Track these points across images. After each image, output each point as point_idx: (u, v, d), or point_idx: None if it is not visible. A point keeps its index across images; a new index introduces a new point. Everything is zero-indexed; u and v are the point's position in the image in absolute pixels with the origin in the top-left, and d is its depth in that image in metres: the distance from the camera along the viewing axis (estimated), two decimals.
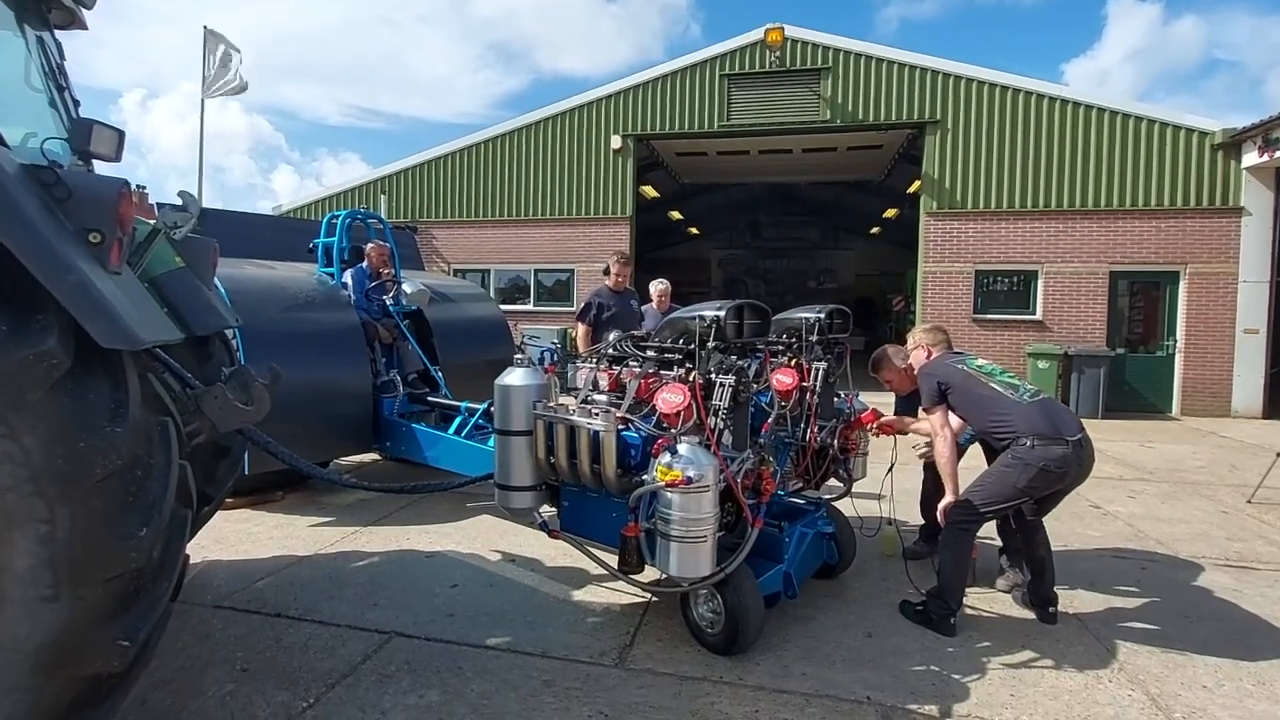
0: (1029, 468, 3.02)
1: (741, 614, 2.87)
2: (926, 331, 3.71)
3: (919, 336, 3.70)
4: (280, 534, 4.63)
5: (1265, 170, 10.18)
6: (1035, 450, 3.02)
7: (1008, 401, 3.17)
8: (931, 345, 3.60)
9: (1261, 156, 9.84)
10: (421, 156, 13.99)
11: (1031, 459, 3.02)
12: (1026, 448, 3.04)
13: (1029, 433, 3.05)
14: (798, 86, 11.82)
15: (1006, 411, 3.14)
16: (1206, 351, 10.73)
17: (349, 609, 3.46)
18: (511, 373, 3.22)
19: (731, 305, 2.91)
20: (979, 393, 3.24)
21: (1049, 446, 3.03)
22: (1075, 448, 3.06)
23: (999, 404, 3.18)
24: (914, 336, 3.75)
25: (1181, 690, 2.83)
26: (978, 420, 3.27)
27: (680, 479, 2.52)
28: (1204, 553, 4.54)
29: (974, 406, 3.25)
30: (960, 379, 3.30)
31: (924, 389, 3.39)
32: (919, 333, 3.73)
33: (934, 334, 3.65)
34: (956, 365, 3.37)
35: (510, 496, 3.20)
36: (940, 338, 3.63)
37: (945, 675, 2.91)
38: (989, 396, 3.21)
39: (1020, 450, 3.05)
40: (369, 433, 5.30)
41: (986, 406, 3.20)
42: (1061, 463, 3.03)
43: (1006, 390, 3.21)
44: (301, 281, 5.45)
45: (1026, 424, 3.08)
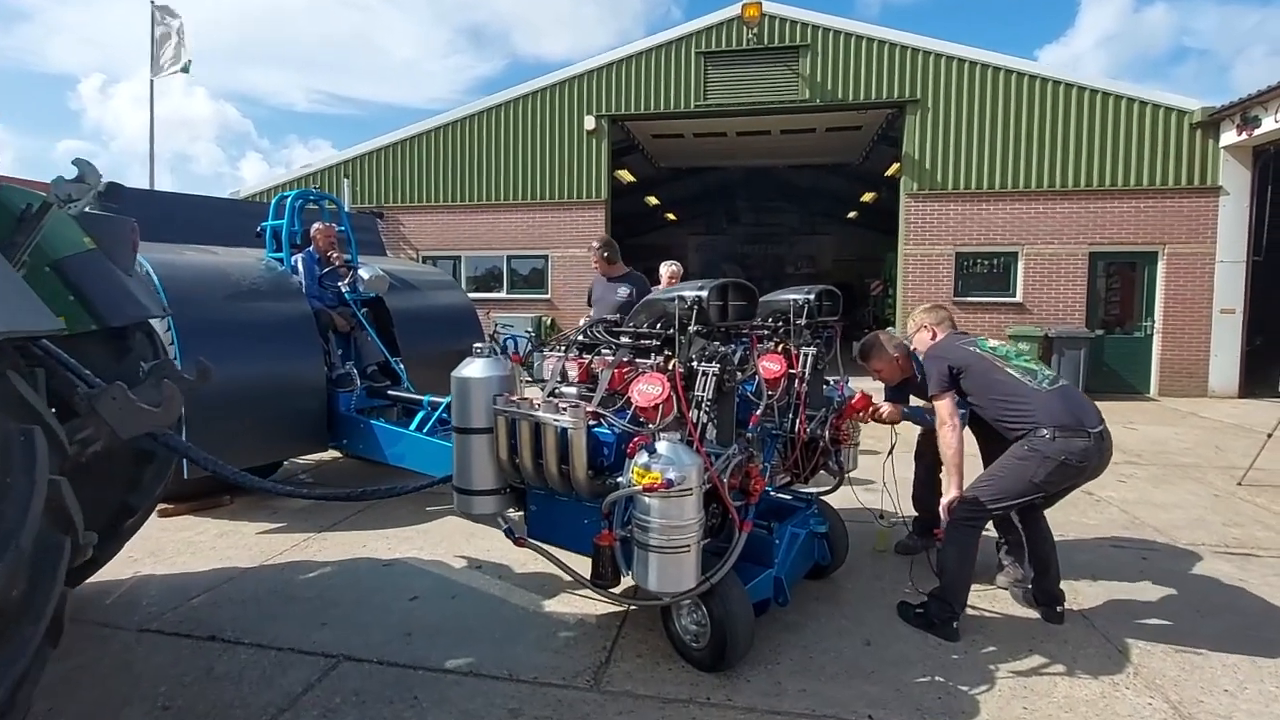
0: (1048, 461, 2.76)
1: (729, 626, 2.59)
2: (928, 311, 3.40)
3: (920, 317, 3.40)
4: (223, 543, 4.24)
5: (1243, 149, 10.13)
6: (1056, 442, 2.76)
7: (1026, 388, 2.90)
8: (935, 325, 3.30)
9: (1240, 135, 9.78)
10: (387, 138, 13.42)
11: (1051, 451, 2.76)
12: (1046, 439, 2.77)
13: (1049, 423, 2.78)
14: (776, 65, 11.49)
15: (1024, 399, 2.87)
16: (1184, 332, 10.71)
17: (293, 629, 3.11)
18: (470, 363, 2.88)
19: (714, 285, 2.59)
20: (994, 378, 2.96)
21: (1070, 439, 2.77)
22: (1097, 440, 2.81)
23: (1016, 390, 2.90)
24: (914, 317, 3.45)
25: (1203, 696, 2.62)
26: (990, 408, 2.99)
27: (659, 482, 2.21)
28: (1203, 540, 4.37)
29: (988, 393, 2.96)
30: (974, 362, 3.02)
31: (932, 373, 3.09)
32: (920, 313, 3.43)
33: (936, 313, 3.35)
34: (968, 347, 3.08)
35: (471, 501, 2.87)
36: (943, 316, 3.33)
37: (952, 687, 2.66)
38: (1004, 382, 2.93)
39: (1038, 442, 2.79)
40: (323, 430, 4.91)
41: (1002, 393, 2.93)
42: (1083, 456, 2.78)
43: (1024, 376, 2.93)
44: (247, 267, 5.02)
45: (1046, 413, 2.81)
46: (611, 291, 5.87)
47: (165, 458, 3.13)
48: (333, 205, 6.13)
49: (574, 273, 12.49)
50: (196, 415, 4.09)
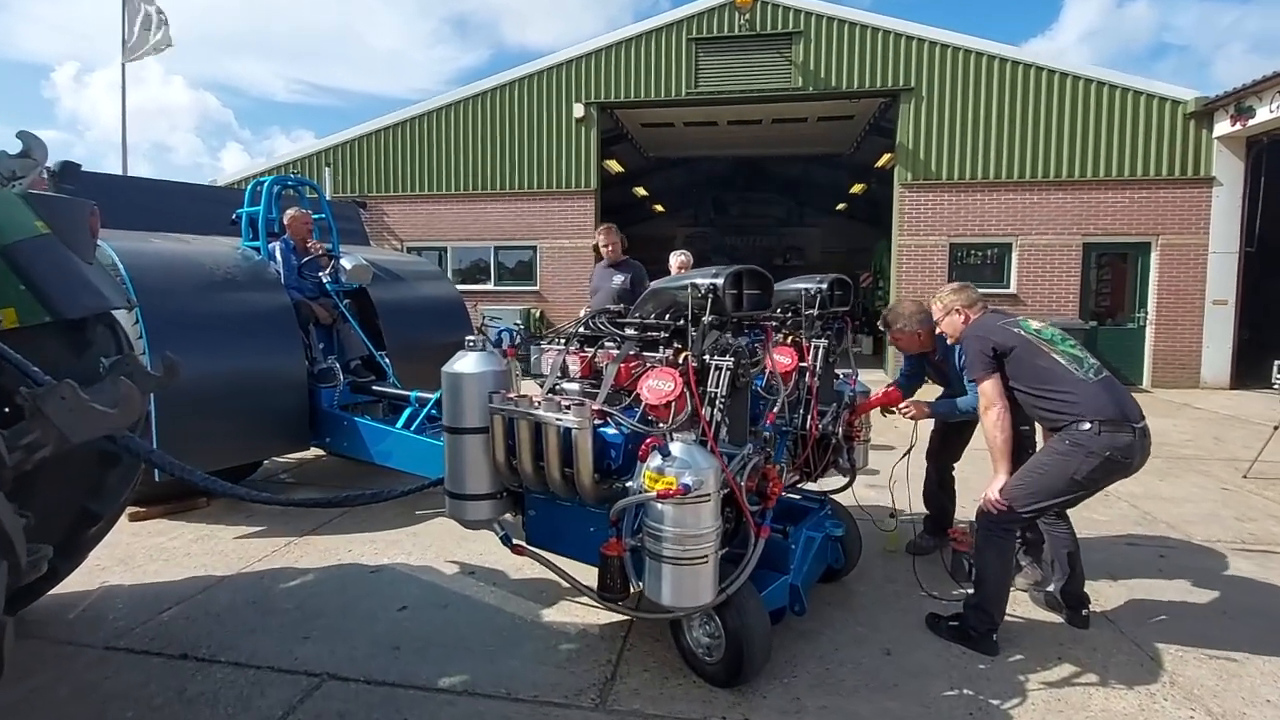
0: (1092, 456, 2.58)
1: (746, 639, 2.41)
2: (956, 292, 3.08)
3: (948, 299, 3.08)
4: (199, 549, 3.99)
5: (1236, 140, 10.09)
6: (1102, 437, 2.57)
7: (1072, 376, 2.69)
8: (968, 307, 3.01)
9: (1234, 125, 9.73)
10: (370, 126, 13.05)
11: (1096, 447, 2.58)
12: (1090, 433, 2.59)
13: (1094, 416, 2.60)
14: (769, 52, 11.28)
15: (1069, 388, 2.66)
16: (1176, 323, 10.70)
17: (273, 644, 2.89)
18: (462, 358, 2.66)
19: (730, 272, 2.39)
20: (1038, 363, 2.73)
21: (1116, 433, 2.59)
22: (1141, 436, 2.64)
23: (1062, 379, 2.69)
24: (941, 300, 3.11)
25: (1245, 708, 2.48)
26: (1030, 395, 2.77)
27: (675, 488, 2.02)
28: (1218, 536, 4.27)
29: (1030, 379, 2.74)
30: (1020, 344, 2.77)
31: (973, 352, 2.83)
32: (948, 295, 3.09)
33: (968, 293, 3.04)
34: (1012, 329, 2.84)
35: (464, 507, 2.66)
36: (975, 296, 3.04)
37: (982, 701, 2.50)
38: (1049, 369, 2.71)
39: (1082, 436, 2.60)
40: (304, 428, 4.66)
41: (1046, 380, 2.70)
42: (1128, 452, 2.61)
43: (1070, 363, 2.72)
44: (221, 256, 4.75)
45: (1092, 405, 2.62)
46: (608, 279, 5.70)
47: (133, 460, 2.89)
48: (312, 192, 5.86)
49: (563, 264, 12.25)
50: (167, 414, 3.83)
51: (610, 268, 5.87)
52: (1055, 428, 2.72)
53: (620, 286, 5.62)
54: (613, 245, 5.85)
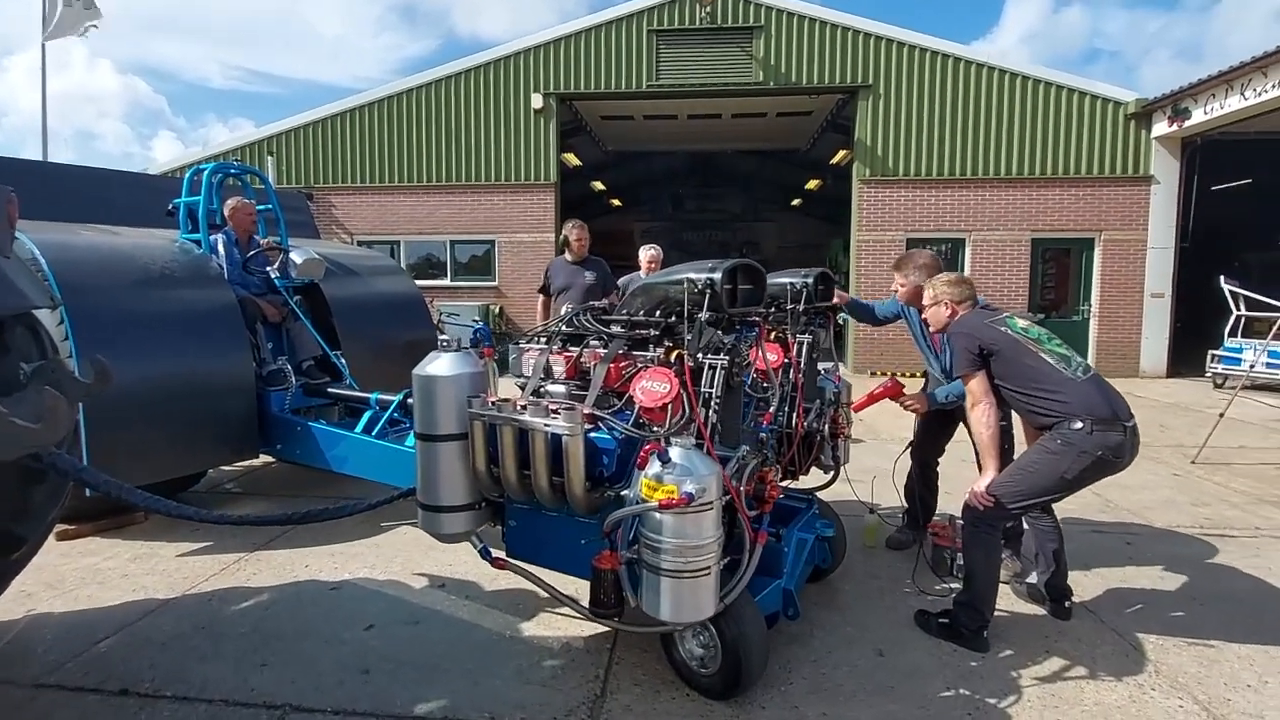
0: (1084, 456, 2.57)
1: (743, 649, 2.30)
2: (950, 285, 3.01)
3: (940, 290, 3.01)
4: (138, 569, 3.67)
5: (1173, 140, 10.55)
6: (1094, 436, 2.57)
7: (1061, 375, 2.69)
8: (957, 302, 2.97)
9: (1171, 126, 10.17)
10: (316, 113, 12.45)
11: (1088, 446, 2.57)
12: (1081, 432, 2.58)
13: (1085, 415, 2.59)
14: (730, 45, 11.23)
15: (1059, 387, 2.66)
16: (1118, 315, 11.16)
17: (227, 674, 2.64)
18: (436, 359, 2.47)
19: (726, 266, 2.27)
20: (1026, 362, 2.72)
21: (1107, 432, 2.58)
22: (1131, 434, 2.65)
23: (1050, 378, 2.68)
24: (934, 288, 3.04)
25: (1229, 694, 2.51)
26: (1019, 394, 2.76)
27: (678, 497, 1.89)
28: (1177, 521, 4.40)
29: (1019, 378, 2.73)
30: (1006, 343, 2.76)
31: (959, 350, 2.81)
32: (941, 285, 3.02)
33: (961, 288, 3.00)
34: (999, 327, 2.83)
35: (439, 519, 2.47)
36: (968, 293, 3.01)
37: (978, 700, 2.46)
38: (1037, 368, 2.70)
39: (1073, 435, 2.59)
40: (253, 434, 4.34)
41: (1034, 379, 2.70)
42: (1119, 451, 2.61)
43: (1058, 362, 2.72)
44: (157, 250, 4.38)
45: (1084, 404, 2.61)
46: (578, 276, 5.54)
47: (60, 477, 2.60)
48: (258, 182, 5.50)
49: (523, 259, 11.97)
50: (98, 424, 3.50)
51: (578, 264, 5.71)
52: (1045, 427, 2.70)
53: (591, 283, 5.49)
54: (584, 241, 5.70)
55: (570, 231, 5.76)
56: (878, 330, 11.28)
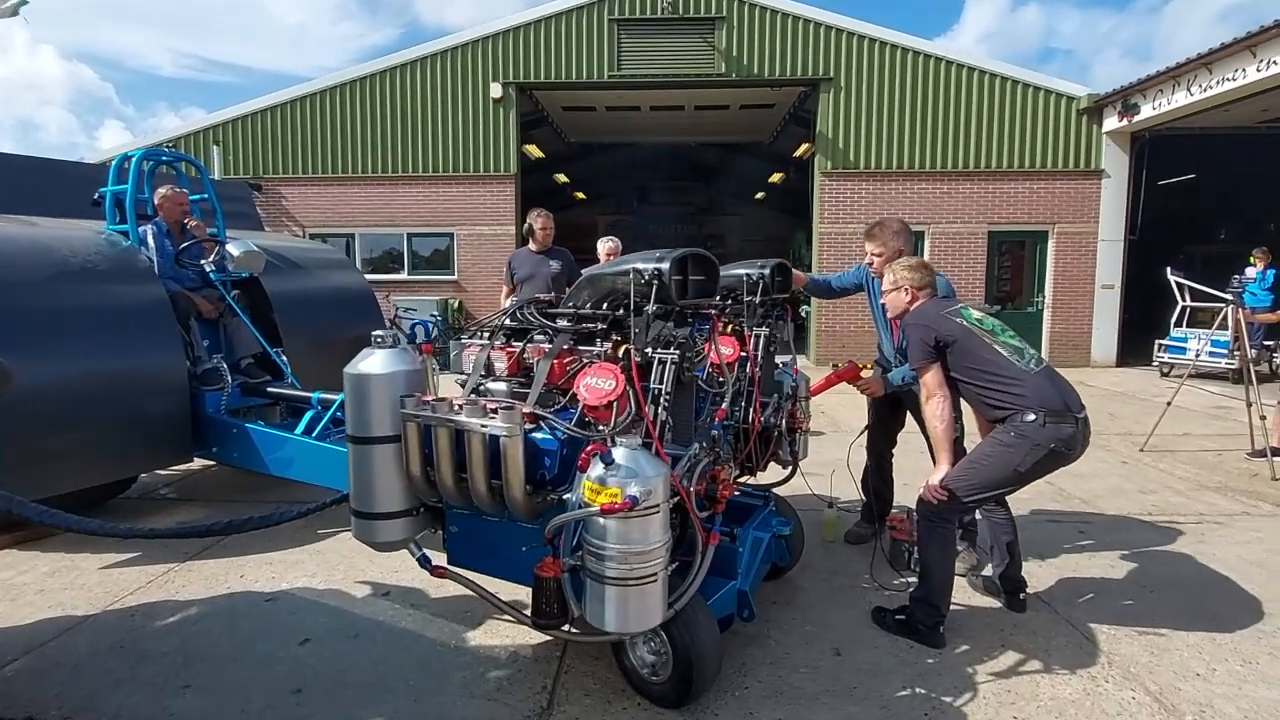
0: (1037, 449, 2.54)
1: (695, 656, 2.21)
2: (911, 270, 2.94)
3: (900, 275, 2.94)
4: (55, 584, 3.41)
5: (1122, 134, 10.81)
6: (1047, 429, 2.53)
7: (1015, 368, 2.64)
8: (918, 288, 2.90)
9: (1121, 121, 10.41)
10: (266, 101, 11.96)
11: (1041, 438, 2.53)
12: (1035, 424, 2.54)
13: (1038, 407, 2.55)
14: (691, 36, 11.12)
15: (1014, 379, 2.61)
16: (1070, 307, 11.42)
17: (144, 699, 2.45)
18: (368, 356, 2.31)
19: (674, 256, 2.16)
20: (981, 354, 2.67)
21: (1060, 424, 2.55)
22: (1082, 426, 2.62)
23: (1004, 370, 2.63)
24: (894, 273, 2.98)
25: (1179, 683, 2.52)
26: (973, 386, 2.71)
27: (621, 501, 1.77)
28: (1126, 509, 4.47)
29: (973, 370, 2.68)
30: (962, 335, 2.70)
31: (915, 341, 2.74)
32: (901, 270, 2.96)
33: (921, 273, 2.92)
34: (954, 319, 2.77)
35: (374, 527, 2.32)
36: (929, 279, 2.93)
37: (935, 700, 2.41)
38: (992, 360, 2.65)
39: (1027, 427, 2.55)
40: (186, 437, 4.09)
41: (988, 371, 2.64)
42: (1070, 443, 2.58)
43: (1012, 355, 2.67)
44: (79, 242, 4.08)
45: (1036, 397, 2.57)
46: (542, 265, 5.38)
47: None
48: (193, 170, 5.20)
49: (482, 251, 11.71)
50: (9, 429, 3.23)
51: (542, 254, 5.56)
52: (998, 419, 2.67)
53: (555, 273, 5.34)
54: (549, 231, 5.55)
55: (535, 220, 5.59)
56: (841, 322, 11.36)
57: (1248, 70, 8.14)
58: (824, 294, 4.08)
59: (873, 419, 3.86)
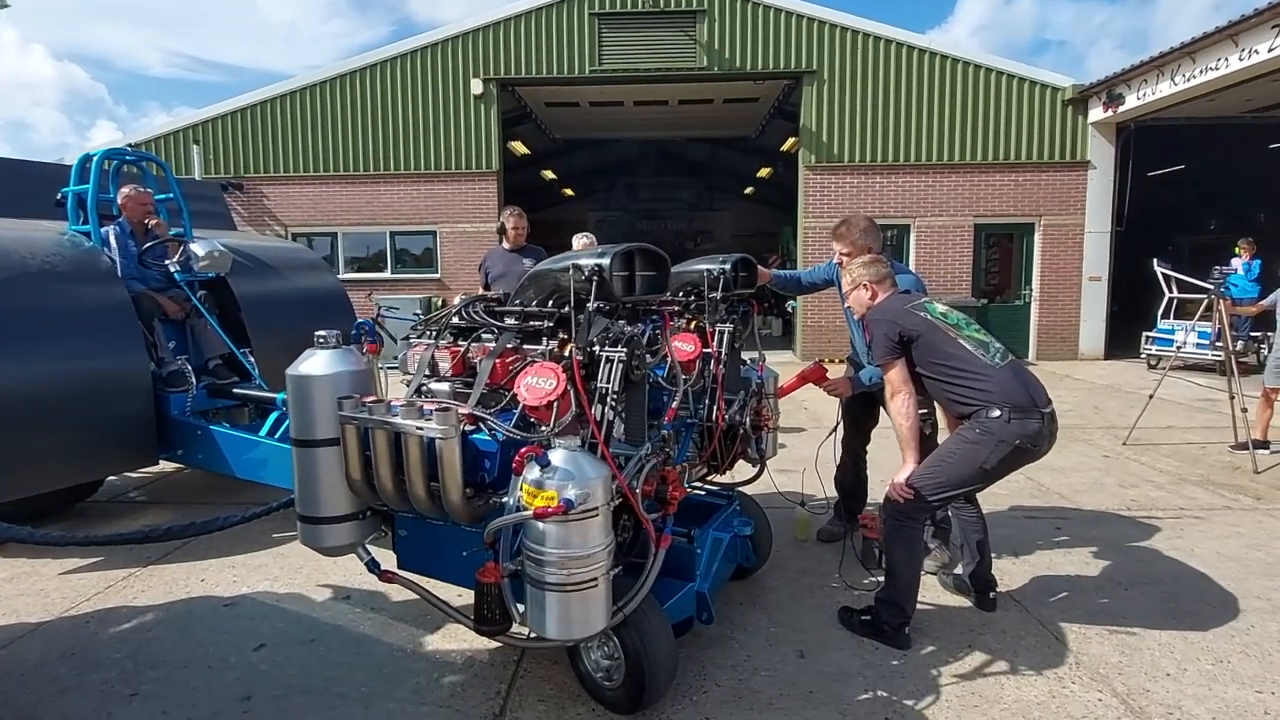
0: (1002, 445, 2.49)
1: (648, 661, 2.16)
2: (867, 266, 2.92)
3: (858, 273, 2.92)
4: (12, 590, 3.35)
5: (1108, 125, 10.78)
6: (1012, 424, 2.49)
7: (980, 362, 2.59)
8: (876, 283, 2.86)
9: (1105, 111, 10.38)
10: (245, 99, 11.84)
11: (1006, 434, 2.49)
12: (1000, 420, 2.50)
13: (1004, 402, 2.51)
14: (673, 30, 11.04)
15: (980, 374, 2.56)
16: (1057, 299, 11.40)
17: (89, 708, 2.39)
18: (310, 357, 2.25)
19: (618, 250, 2.11)
20: (946, 349, 2.61)
21: (1025, 420, 2.51)
22: (1049, 421, 2.58)
23: (969, 364, 2.58)
24: (851, 273, 2.96)
25: (1148, 684, 2.48)
26: (938, 381, 2.66)
27: (556, 504, 1.72)
28: (1104, 504, 4.43)
29: (938, 365, 2.63)
30: (926, 329, 2.65)
31: (879, 337, 2.69)
32: (858, 268, 2.94)
33: (875, 268, 2.90)
34: (919, 313, 2.71)
35: (319, 532, 2.27)
36: (884, 273, 2.90)
37: (896, 703, 2.38)
38: (957, 355, 2.60)
39: (992, 423, 2.51)
40: (150, 439, 4.03)
41: (953, 366, 2.59)
42: (1036, 439, 2.54)
43: (977, 349, 2.62)
44: (37, 242, 4.01)
45: (1001, 392, 2.53)
46: (517, 263, 5.33)
47: None
48: (158, 169, 5.12)
49: (465, 249, 11.62)
50: None
51: (515, 252, 5.51)
52: (963, 415, 2.62)
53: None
54: (521, 229, 5.50)
55: (507, 219, 5.55)
56: (827, 317, 11.32)
57: (1230, 59, 8.11)
58: (793, 289, 4.03)
59: (846, 416, 3.82)
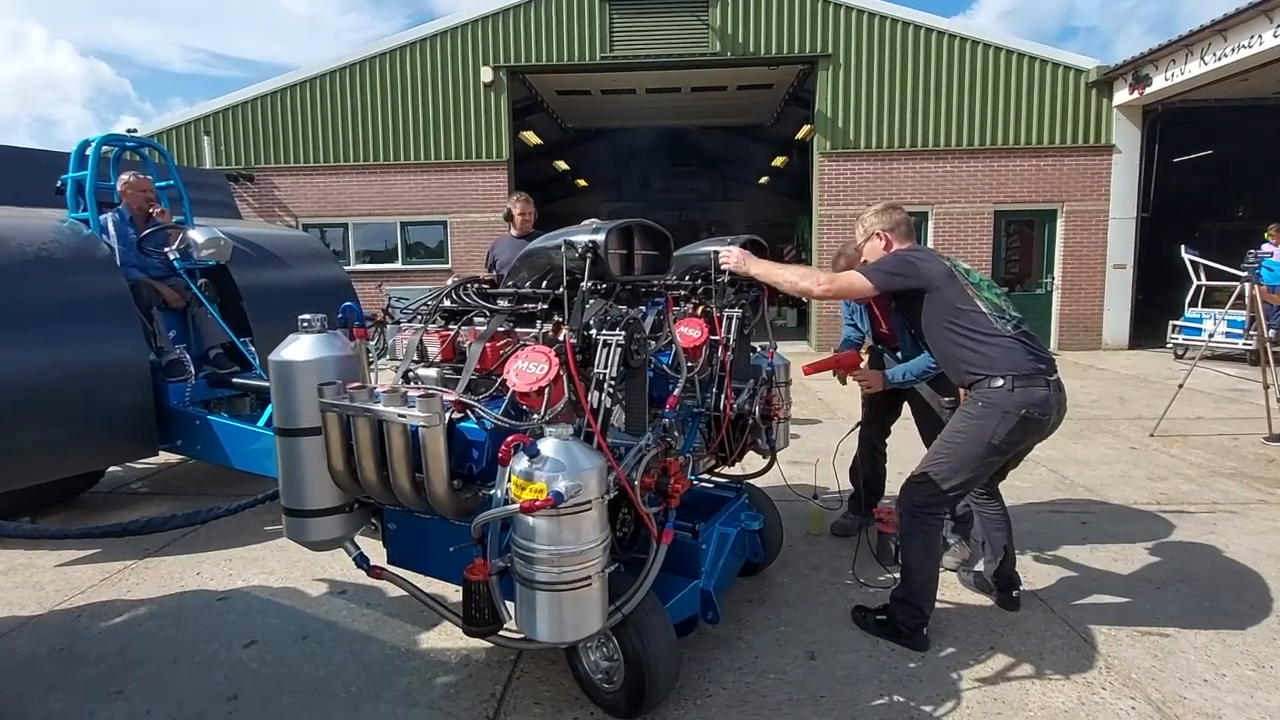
0: (1008, 416, 2.31)
1: (647, 664, 2.04)
2: (879, 214, 2.66)
3: (870, 222, 2.67)
4: (8, 582, 3.30)
5: (1134, 108, 10.43)
6: (1016, 393, 2.31)
7: (992, 326, 2.38)
8: (889, 231, 2.61)
9: (1132, 94, 10.03)
10: (256, 90, 11.81)
11: (1011, 405, 2.31)
12: (1003, 390, 2.31)
13: (1008, 371, 2.32)
14: (685, 14, 10.82)
15: (987, 338, 2.36)
16: (1080, 288, 11.09)
17: (74, 705, 2.32)
18: (294, 341, 2.14)
19: (614, 226, 1.97)
20: (960, 306, 2.39)
21: (1030, 388, 2.32)
22: (1055, 389, 2.41)
23: (980, 326, 2.37)
24: (863, 223, 2.72)
25: (1184, 690, 2.32)
26: (944, 342, 2.44)
27: (544, 497, 1.60)
28: (1133, 498, 4.24)
29: (949, 324, 2.41)
30: (944, 281, 2.42)
31: (885, 264, 2.46)
32: (869, 216, 2.69)
33: (890, 215, 2.63)
34: (943, 261, 2.49)
35: (305, 525, 2.16)
36: (900, 219, 2.63)
37: (913, 709, 2.23)
38: (971, 314, 2.39)
39: (994, 394, 2.33)
40: (150, 429, 3.96)
41: (965, 327, 2.39)
42: (1044, 408, 2.35)
43: (992, 312, 2.42)
44: (33, 231, 3.94)
45: (1006, 360, 2.34)
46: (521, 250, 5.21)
47: None
48: (159, 156, 5.05)
49: (476, 239, 11.52)
50: None
51: (522, 239, 5.39)
52: (965, 384, 2.45)
53: None
54: (528, 216, 5.38)
55: (514, 205, 5.43)
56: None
57: (1264, 36, 7.76)
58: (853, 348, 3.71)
59: (866, 407, 3.65)
